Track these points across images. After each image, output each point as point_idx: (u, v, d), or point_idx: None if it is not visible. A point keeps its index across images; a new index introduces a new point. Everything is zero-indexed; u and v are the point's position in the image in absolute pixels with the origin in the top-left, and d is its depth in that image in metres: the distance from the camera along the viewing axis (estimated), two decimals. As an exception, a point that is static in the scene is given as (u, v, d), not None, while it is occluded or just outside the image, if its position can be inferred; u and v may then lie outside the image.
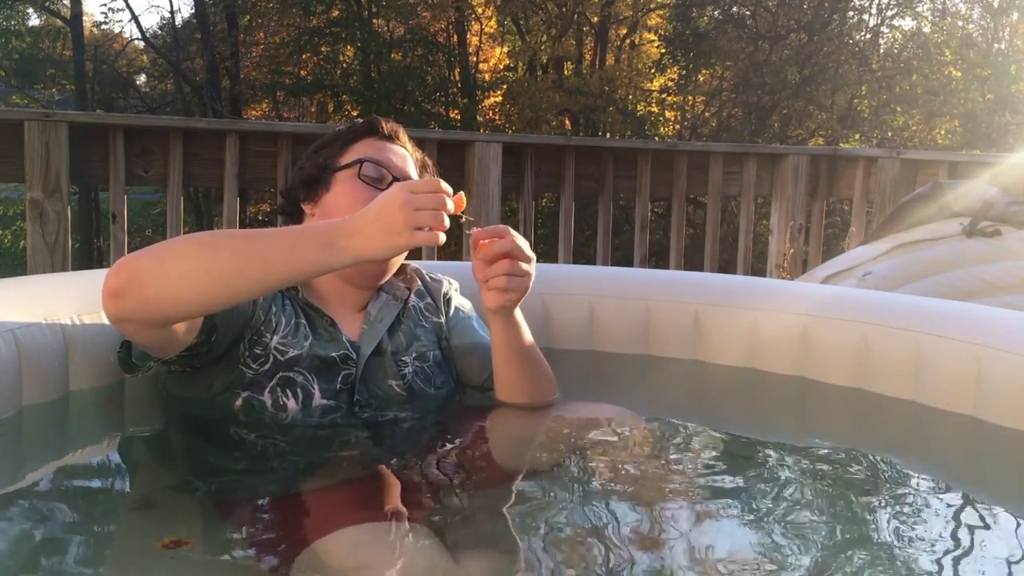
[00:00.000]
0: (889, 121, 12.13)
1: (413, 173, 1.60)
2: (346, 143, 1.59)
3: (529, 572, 1.07)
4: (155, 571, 1.10)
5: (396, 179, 1.55)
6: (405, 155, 1.61)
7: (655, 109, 14.36)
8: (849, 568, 1.11)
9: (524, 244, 1.42)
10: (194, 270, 1.25)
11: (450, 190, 1.25)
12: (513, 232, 1.41)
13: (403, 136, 1.63)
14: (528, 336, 1.53)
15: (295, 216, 1.62)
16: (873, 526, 1.25)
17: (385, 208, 1.22)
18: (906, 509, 1.34)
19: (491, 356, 1.55)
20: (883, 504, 1.36)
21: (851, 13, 12.50)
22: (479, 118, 14.86)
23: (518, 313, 1.50)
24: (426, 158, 1.68)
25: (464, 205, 1.29)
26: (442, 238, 1.24)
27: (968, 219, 3.16)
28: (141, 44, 18.81)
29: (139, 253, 1.27)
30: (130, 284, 1.24)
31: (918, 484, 1.46)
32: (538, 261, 1.49)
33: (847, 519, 1.27)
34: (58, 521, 1.24)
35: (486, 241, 1.40)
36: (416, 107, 13.99)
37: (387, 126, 1.61)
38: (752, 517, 1.25)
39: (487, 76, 16.42)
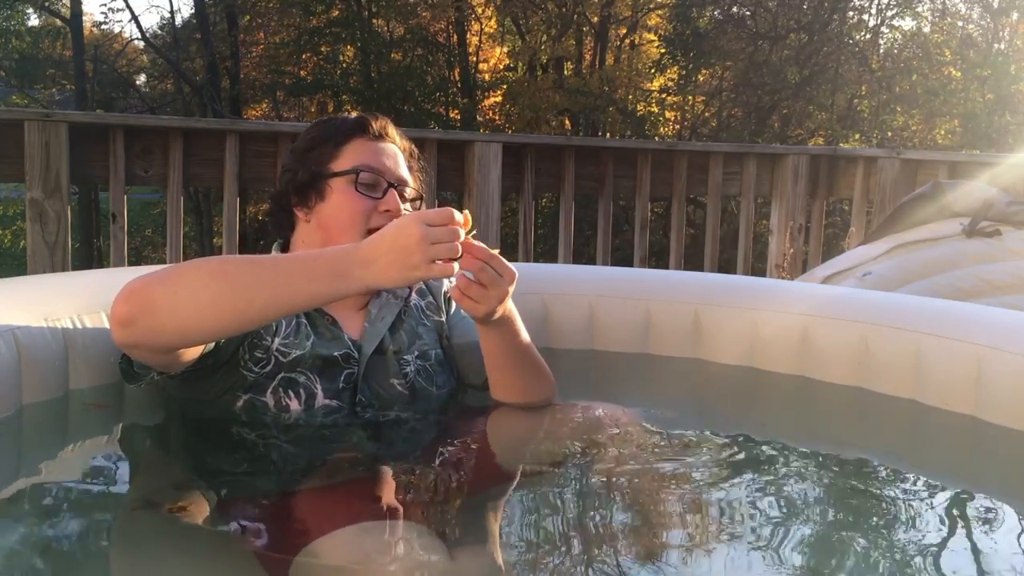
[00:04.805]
0: (889, 121, 12.13)
1: (405, 171, 1.59)
2: (337, 145, 1.56)
3: (528, 571, 1.07)
4: (156, 568, 1.10)
5: (391, 185, 1.55)
6: (396, 153, 1.59)
7: (655, 109, 14.36)
8: (848, 567, 1.11)
9: (503, 268, 1.37)
10: (205, 300, 1.25)
11: (460, 216, 1.25)
12: (500, 259, 1.37)
13: (391, 131, 1.61)
14: (521, 338, 1.52)
15: (288, 221, 1.60)
16: (873, 525, 1.25)
17: (399, 241, 1.21)
18: (906, 508, 1.35)
19: None
20: (883, 503, 1.36)
21: (851, 13, 12.51)
22: (479, 118, 14.86)
23: (514, 316, 1.49)
24: (413, 147, 1.66)
25: (471, 223, 1.29)
26: (456, 268, 1.24)
27: (968, 219, 3.15)
28: (141, 44, 18.83)
29: (148, 280, 1.26)
30: (141, 313, 1.24)
31: (918, 483, 1.46)
32: (538, 261, 1.49)
33: (847, 518, 1.28)
34: (59, 520, 1.24)
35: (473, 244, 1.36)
36: (416, 107, 13.99)
37: (376, 124, 1.58)
38: (752, 516, 1.25)
39: (487, 76, 16.42)
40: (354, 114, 1.63)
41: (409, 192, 1.58)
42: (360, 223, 1.51)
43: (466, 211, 1.28)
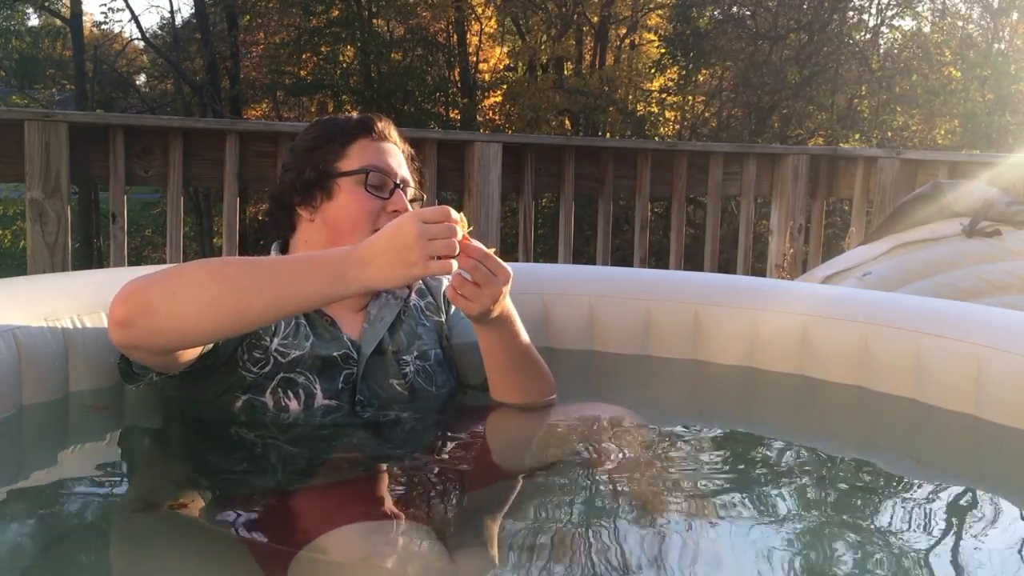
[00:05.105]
0: (889, 121, 12.13)
1: (407, 172, 1.60)
2: (343, 145, 1.56)
3: (526, 572, 1.07)
4: (156, 567, 1.10)
5: (396, 186, 1.56)
6: (398, 153, 1.61)
7: (655, 109, 14.36)
8: (849, 566, 1.11)
9: (497, 268, 1.37)
10: (204, 302, 1.25)
11: (456, 215, 1.26)
12: (496, 259, 1.37)
13: (393, 132, 1.62)
14: (520, 339, 1.52)
15: (288, 220, 1.60)
16: (873, 524, 1.25)
17: (397, 240, 1.21)
18: (906, 508, 1.35)
19: None
20: (883, 502, 1.36)
21: (851, 13, 12.51)
22: (479, 118, 14.86)
23: (513, 317, 1.49)
24: (410, 148, 1.66)
25: (466, 226, 1.29)
26: (455, 266, 1.25)
27: (968, 219, 3.16)
28: (141, 44, 18.83)
29: (147, 281, 1.25)
30: (140, 314, 1.24)
31: (918, 483, 1.47)
32: (538, 261, 1.49)
33: (847, 517, 1.28)
34: (59, 521, 1.24)
35: (468, 244, 1.37)
36: (416, 107, 13.99)
37: (380, 125, 1.59)
38: (752, 516, 1.25)
39: (487, 76, 16.42)
40: (355, 114, 1.63)
41: (410, 193, 1.60)
42: (367, 222, 1.52)
43: (461, 214, 1.28)
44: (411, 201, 1.60)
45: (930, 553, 1.16)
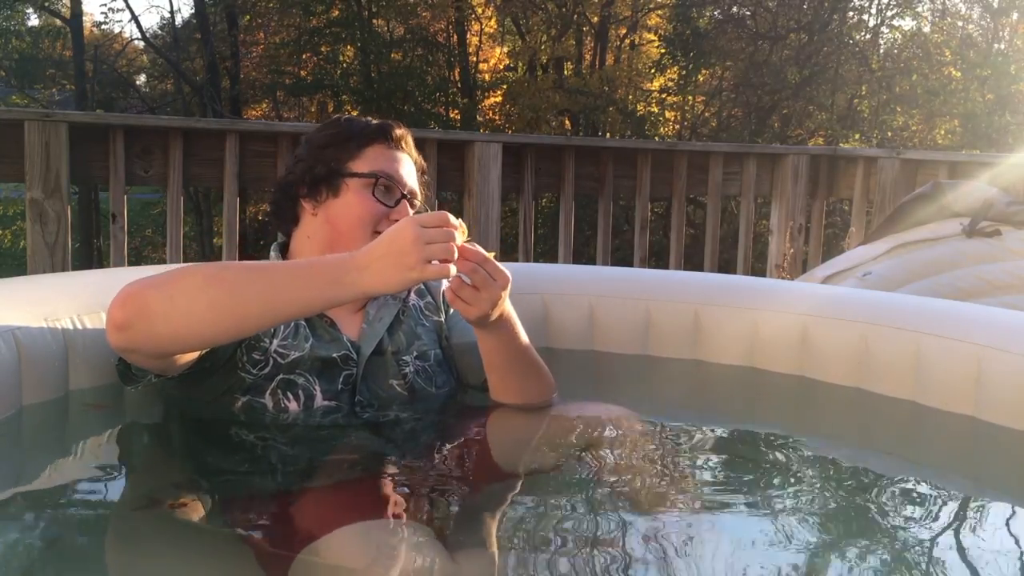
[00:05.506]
0: (889, 121, 12.13)
1: (416, 185, 1.60)
2: (359, 147, 1.57)
3: (526, 572, 1.07)
4: (156, 566, 1.10)
5: (404, 196, 1.56)
6: (410, 164, 1.61)
7: (655, 109, 14.36)
8: (848, 567, 1.11)
9: (496, 272, 1.37)
10: (202, 306, 1.25)
11: (455, 221, 1.26)
12: (493, 262, 1.37)
13: (409, 142, 1.63)
14: (520, 341, 1.52)
15: (292, 212, 1.61)
16: (872, 525, 1.25)
17: (395, 244, 1.22)
18: (906, 509, 1.35)
19: None
20: (883, 503, 1.36)
21: (851, 13, 12.51)
22: (479, 118, 14.86)
23: (512, 319, 1.49)
24: (422, 160, 1.67)
25: (466, 232, 1.29)
26: (453, 270, 1.25)
27: (968, 219, 3.16)
28: (141, 44, 18.83)
29: (144, 284, 1.25)
30: (137, 318, 1.24)
31: (918, 484, 1.46)
32: (538, 261, 1.49)
33: (847, 518, 1.28)
34: (59, 520, 1.24)
35: (466, 247, 1.37)
36: (416, 107, 14.00)
37: (397, 133, 1.60)
38: (752, 516, 1.25)
39: (487, 76, 16.42)
40: (375, 120, 1.63)
41: (416, 204, 1.60)
42: (368, 226, 1.52)
43: (460, 220, 1.28)
44: (416, 212, 1.60)
45: (929, 554, 1.16)
